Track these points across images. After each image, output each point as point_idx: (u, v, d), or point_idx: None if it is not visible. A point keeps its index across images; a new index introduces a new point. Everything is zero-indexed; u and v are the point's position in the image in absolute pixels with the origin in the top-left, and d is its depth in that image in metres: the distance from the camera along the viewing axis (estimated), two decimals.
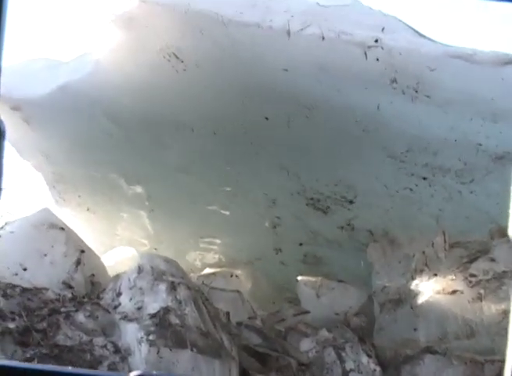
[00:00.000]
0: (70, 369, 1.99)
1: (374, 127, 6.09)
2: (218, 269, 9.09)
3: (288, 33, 5.61)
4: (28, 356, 6.47)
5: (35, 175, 8.73)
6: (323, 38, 5.60)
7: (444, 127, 5.96)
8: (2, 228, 8.04)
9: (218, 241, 8.64)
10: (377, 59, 5.61)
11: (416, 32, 5.72)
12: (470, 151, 6.12)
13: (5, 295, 7.13)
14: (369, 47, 5.59)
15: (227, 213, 7.97)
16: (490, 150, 6.10)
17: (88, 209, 8.58)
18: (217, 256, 8.86)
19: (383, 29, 5.65)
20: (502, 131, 5.89)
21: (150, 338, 6.76)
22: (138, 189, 7.96)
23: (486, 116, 5.81)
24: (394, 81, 5.68)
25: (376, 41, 5.61)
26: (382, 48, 5.59)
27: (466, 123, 5.87)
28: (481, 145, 6.03)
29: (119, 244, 9.00)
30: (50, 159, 7.99)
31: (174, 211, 8.23)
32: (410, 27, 5.73)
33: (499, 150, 6.08)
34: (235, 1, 5.79)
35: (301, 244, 8.05)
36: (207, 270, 9.26)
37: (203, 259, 9.01)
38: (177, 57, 5.97)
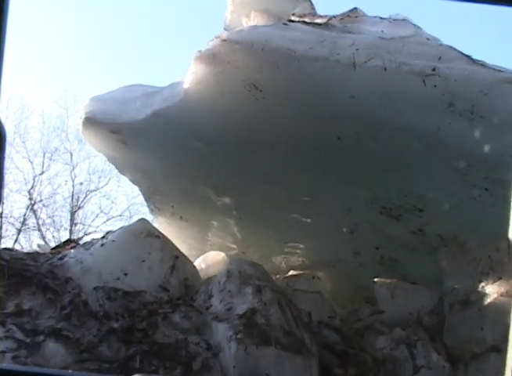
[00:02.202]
0: (70, 372, 2.18)
1: (436, 145, 7.14)
2: (301, 272, 10.31)
3: (354, 65, 6.74)
4: (131, 352, 7.74)
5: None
6: (385, 69, 6.70)
7: (499, 144, 6.94)
8: (105, 237, 9.35)
9: (300, 246, 9.86)
10: (435, 86, 6.66)
11: (471, 59, 6.74)
12: None
13: (109, 298, 8.32)
14: (427, 75, 6.65)
15: (308, 220, 9.16)
16: None
17: (180, 218, 9.98)
18: (300, 259, 10.09)
19: (439, 58, 6.71)
20: None
21: (239, 336, 7.87)
22: (227, 199, 9.25)
23: None
24: (451, 104, 6.72)
25: (434, 69, 6.67)
26: (439, 76, 6.64)
27: None
28: None
29: (210, 248, 10.32)
30: (146, 174, 9.45)
31: (260, 219, 9.51)
32: (464, 55, 6.77)
33: None
34: (306, 37, 6.96)
35: (377, 248, 9.17)
36: (292, 272, 10.48)
37: (287, 262, 10.25)
38: (256, 88, 7.18)
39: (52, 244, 21.60)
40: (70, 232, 25.01)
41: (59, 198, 25.77)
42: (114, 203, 27.99)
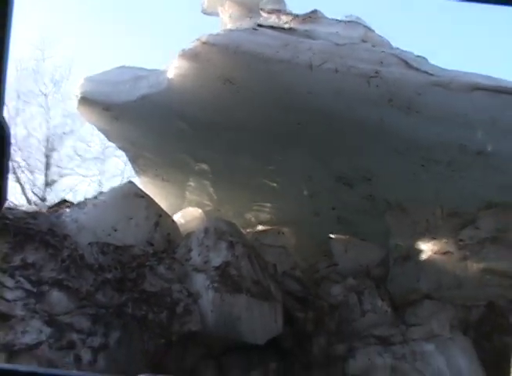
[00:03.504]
0: (74, 372, 2.33)
1: (380, 132, 8.99)
2: (269, 227, 12.07)
3: (311, 67, 8.51)
4: (123, 299, 8.84)
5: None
6: (337, 71, 8.48)
7: (432, 133, 8.80)
8: (96, 198, 10.62)
9: (268, 205, 11.73)
10: (377, 86, 8.46)
11: (407, 64, 8.52)
12: (455, 149, 8.96)
13: (102, 252, 9.43)
14: (371, 77, 8.43)
15: (275, 185, 11.03)
16: (470, 149, 8.93)
17: (162, 179, 11.78)
18: (268, 216, 11.96)
19: (381, 63, 8.49)
20: (477, 135, 8.71)
21: (215, 285, 9.22)
22: (204, 166, 11.06)
23: (463, 125, 8.62)
24: (391, 100, 8.55)
25: (377, 72, 8.44)
26: (381, 78, 8.43)
27: (449, 130, 8.71)
28: (461, 145, 8.89)
29: (188, 205, 12.10)
30: (133, 144, 11.26)
31: (233, 182, 11.35)
32: (402, 60, 8.55)
33: (476, 148, 8.92)
34: (272, 42, 8.69)
35: (333, 209, 11.07)
36: (261, 227, 12.25)
37: (257, 218, 12.10)
38: (230, 82, 8.95)
39: (27, 187, 22.96)
40: (46, 175, 25.58)
41: (33, 141, 25.75)
42: (89, 146, 27.74)
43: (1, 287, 8.33)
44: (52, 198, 24.95)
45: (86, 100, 10.51)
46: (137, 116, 10.28)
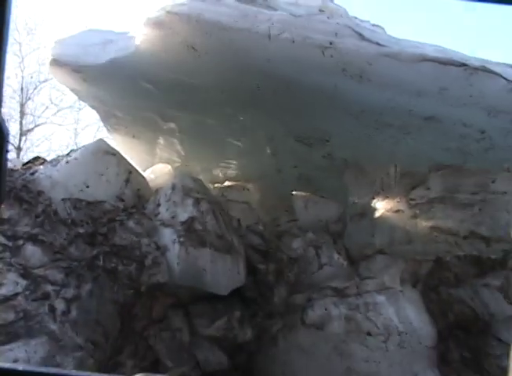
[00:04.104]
0: (73, 372, 2.20)
1: (335, 97, 9.73)
2: (235, 183, 12.84)
3: (269, 37, 9.20)
4: (95, 253, 9.29)
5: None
6: (293, 41, 9.17)
7: (383, 99, 9.55)
8: (68, 155, 10.94)
9: (234, 162, 12.51)
10: (331, 56, 9.14)
11: (360, 35, 9.22)
12: (405, 114, 9.74)
13: (75, 207, 9.81)
14: (326, 48, 9.12)
15: (239, 143, 11.79)
16: (419, 114, 9.71)
17: (133, 136, 12.47)
18: (234, 172, 12.75)
19: (336, 34, 9.18)
20: (425, 102, 9.49)
21: (181, 239, 9.81)
22: (172, 125, 11.77)
23: (412, 93, 9.38)
24: (344, 70, 9.26)
25: (331, 43, 9.13)
26: (334, 48, 9.13)
27: (398, 97, 9.47)
28: (411, 110, 9.66)
29: (157, 161, 12.74)
30: (103, 103, 11.92)
31: (200, 140, 12.08)
32: (356, 32, 9.24)
33: (426, 114, 9.71)
34: (233, 12, 9.34)
35: (295, 167, 11.85)
36: (227, 183, 12.98)
37: (224, 174, 12.87)
38: (193, 48, 9.63)
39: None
40: (21, 123, 25.76)
41: (8, 90, 26.10)
42: (64, 94, 28.84)
43: None
44: (28, 147, 25.44)
45: (57, 62, 11.13)
46: (106, 77, 10.92)
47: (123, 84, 11.08)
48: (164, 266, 9.78)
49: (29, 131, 25.95)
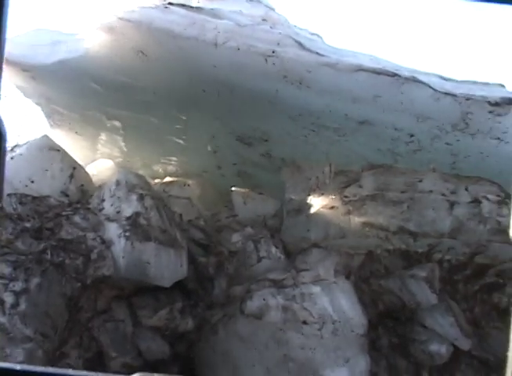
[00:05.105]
0: (70, 371, 2.30)
1: (275, 101, 10.79)
2: (175, 179, 13.69)
3: (216, 45, 10.19)
4: (42, 247, 9.83)
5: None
6: (239, 49, 10.18)
7: (321, 104, 10.66)
8: (13, 150, 11.42)
9: (174, 159, 13.46)
10: (274, 64, 10.20)
11: (301, 45, 10.28)
12: (341, 118, 10.89)
13: (21, 203, 10.38)
14: (269, 56, 10.17)
15: (180, 141, 12.76)
16: (354, 118, 10.88)
17: (76, 132, 13.29)
18: (174, 168, 13.67)
19: (278, 44, 10.23)
20: (360, 108, 10.66)
21: (126, 234, 10.42)
22: (116, 123, 12.65)
23: (348, 99, 10.53)
24: (285, 76, 10.32)
25: (273, 52, 10.18)
26: (277, 57, 10.18)
27: (335, 102, 10.61)
28: (347, 115, 10.81)
29: (100, 157, 13.65)
30: (49, 100, 12.70)
31: (142, 138, 13.02)
32: (297, 42, 10.30)
33: (360, 118, 10.87)
34: (181, 20, 10.27)
35: (234, 164, 12.90)
36: (168, 178, 13.84)
37: (165, 169, 13.82)
38: (143, 53, 10.54)
39: None
40: None
41: None
42: None
43: None
44: None
45: (6, 61, 11.80)
46: (54, 77, 11.71)
47: (71, 84, 11.88)
48: (109, 260, 10.32)
49: None
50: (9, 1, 2.10)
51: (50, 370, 2.32)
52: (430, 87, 10.33)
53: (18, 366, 2.15)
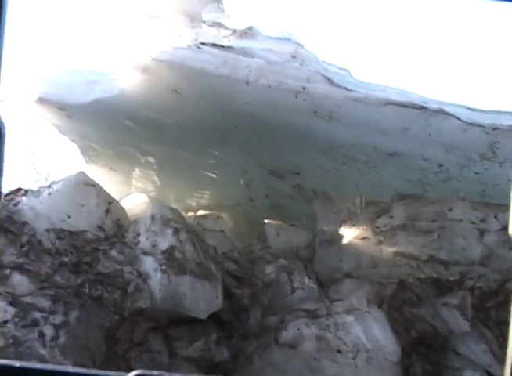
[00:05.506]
0: (70, 368, 2.32)
1: (306, 135, 11.26)
2: (208, 211, 14.12)
3: (247, 82, 10.66)
4: (80, 280, 9.96)
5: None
6: (270, 86, 10.66)
7: (351, 136, 11.11)
8: (50, 186, 11.72)
9: (207, 192, 13.92)
10: (304, 100, 10.69)
11: (330, 81, 10.74)
12: (371, 150, 11.32)
13: (59, 237, 10.49)
14: (299, 92, 10.65)
15: (213, 175, 13.23)
16: (383, 150, 11.31)
17: (110, 168, 13.79)
18: (207, 201, 14.12)
19: (308, 80, 10.70)
20: (389, 140, 11.08)
21: (162, 267, 10.52)
22: (150, 158, 13.15)
23: (377, 131, 10.97)
24: (315, 111, 10.80)
25: (303, 88, 10.66)
26: (307, 93, 10.65)
27: (365, 135, 11.05)
28: (376, 147, 11.23)
29: (134, 191, 14.06)
30: (84, 137, 13.26)
31: (176, 173, 13.48)
32: (326, 77, 10.76)
33: (389, 150, 11.29)
34: (213, 60, 10.79)
35: (267, 197, 13.35)
36: (201, 211, 14.30)
37: (198, 203, 14.26)
38: (176, 92, 11.06)
39: None
40: None
41: None
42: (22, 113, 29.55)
43: None
44: None
45: (43, 100, 12.38)
46: (89, 115, 12.26)
47: (105, 122, 12.42)
48: (145, 292, 10.40)
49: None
50: (7, 2, 2.08)
51: (49, 367, 2.33)
52: (458, 118, 10.73)
53: (17, 363, 2.18)
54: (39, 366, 2.34)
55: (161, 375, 2.20)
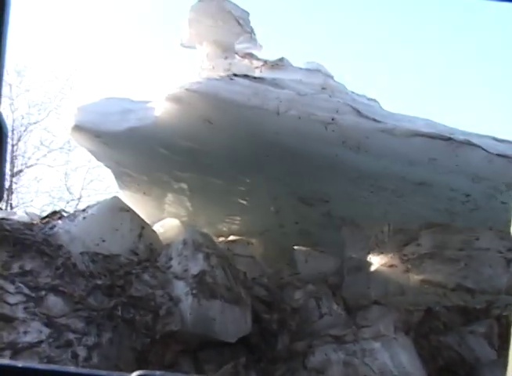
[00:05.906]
0: (71, 369, 2.30)
1: (335, 164, 11.61)
2: (239, 237, 14.51)
3: (278, 113, 11.08)
4: (113, 303, 10.40)
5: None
6: (300, 118, 11.06)
7: (379, 166, 11.44)
8: (85, 210, 12.40)
9: (238, 218, 14.31)
10: (333, 131, 11.05)
11: (358, 112, 11.14)
12: (398, 180, 11.67)
13: (93, 261, 11.02)
14: (328, 123, 11.04)
15: (244, 202, 13.63)
16: (411, 180, 11.63)
17: (144, 193, 14.27)
18: (238, 227, 14.53)
19: (337, 111, 11.10)
20: (416, 170, 11.43)
21: (193, 291, 10.90)
22: (183, 185, 13.57)
23: (405, 162, 11.32)
24: (344, 142, 11.16)
25: (333, 119, 11.04)
26: (336, 124, 11.04)
27: (393, 165, 11.40)
28: (404, 177, 11.59)
29: (166, 216, 14.52)
30: (119, 163, 13.73)
31: (207, 199, 13.89)
32: (355, 109, 11.15)
33: (416, 180, 11.64)
34: (245, 91, 11.19)
35: (296, 223, 13.70)
36: (232, 237, 14.67)
37: (229, 228, 14.66)
38: (209, 122, 11.49)
39: None
40: (11, 165, 26.93)
41: None
42: (55, 136, 30.44)
43: (4, 292, 9.69)
44: (19, 187, 26.93)
45: (79, 128, 12.91)
46: (124, 143, 12.72)
47: (140, 149, 12.88)
48: (177, 316, 10.78)
49: (19, 172, 27.31)
50: (10, 4, 2.10)
51: (51, 367, 2.29)
52: (484, 149, 11.03)
53: (20, 364, 2.12)
54: (41, 366, 2.40)
55: (163, 375, 2.25)
